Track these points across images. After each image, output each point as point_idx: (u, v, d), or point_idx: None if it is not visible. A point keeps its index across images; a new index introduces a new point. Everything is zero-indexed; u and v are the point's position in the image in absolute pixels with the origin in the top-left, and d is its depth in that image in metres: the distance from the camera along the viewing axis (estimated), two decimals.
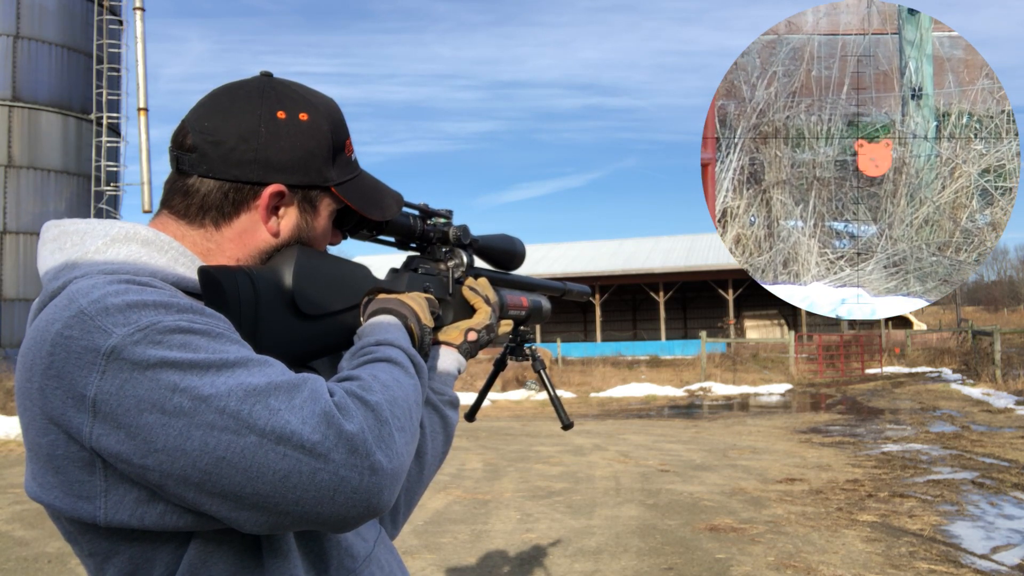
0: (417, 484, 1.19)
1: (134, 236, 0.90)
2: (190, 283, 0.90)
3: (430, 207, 1.22)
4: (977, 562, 4.64)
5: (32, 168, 20.48)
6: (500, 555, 5.00)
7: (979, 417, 11.62)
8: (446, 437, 1.20)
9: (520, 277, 1.42)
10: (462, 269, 1.24)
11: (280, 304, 0.90)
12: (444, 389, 1.20)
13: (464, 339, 1.21)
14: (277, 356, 0.84)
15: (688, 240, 37.71)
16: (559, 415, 1.38)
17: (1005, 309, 64.69)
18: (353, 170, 1.07)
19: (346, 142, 1.06)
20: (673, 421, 12.70)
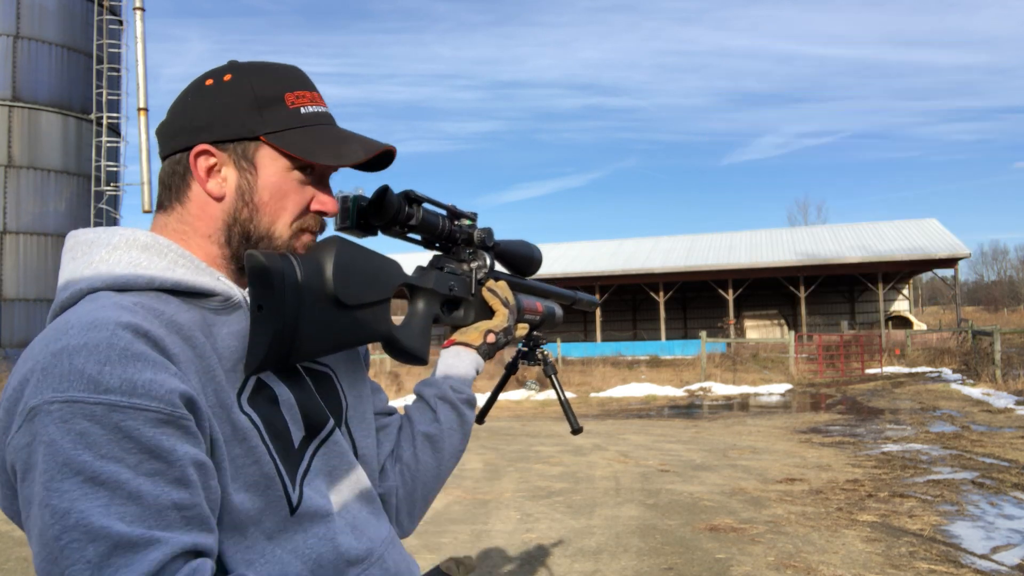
0: (434, 480, 1.21)
1: (133, 242, 0.95)
2: (188, 284, 0.94)
3: (457, 208, 1.23)
4: (977, 562, 4.64)
5: (32, 168, 20.48)
6: (500, 555, 5.00)
7: (979, 417, 11.62)
8: (463, 435, 1.23)
9: (535, 283, 1.44)
10: (484, 271, 1.27)
11: (321, 292, 0.92)
12: (462, 388, 1.23)
13: (483, 340, 1.25)
14: (316, 343, 0.90)
15: (688, 240, 37.71)
16: (569, 419, 1.39)
17: (1005, 309, 64.69)
18: (302, 121, 1.01)
19: (286, 95, 1.01)
20: (673, 421, 12.70)
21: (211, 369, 0.91)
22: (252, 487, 0.91)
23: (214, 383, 0.90)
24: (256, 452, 0.92)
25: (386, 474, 1.19)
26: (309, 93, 1.04)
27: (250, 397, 0.95)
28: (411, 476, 1.20)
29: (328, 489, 1.02)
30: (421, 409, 1.23)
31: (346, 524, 1.02)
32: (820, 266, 31.07)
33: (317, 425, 1.02)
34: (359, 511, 1.06)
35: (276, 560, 0.92)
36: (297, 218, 1.02)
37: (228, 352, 0.94)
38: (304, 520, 0.96)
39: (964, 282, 78.92)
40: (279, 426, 0.96)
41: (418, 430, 1.21)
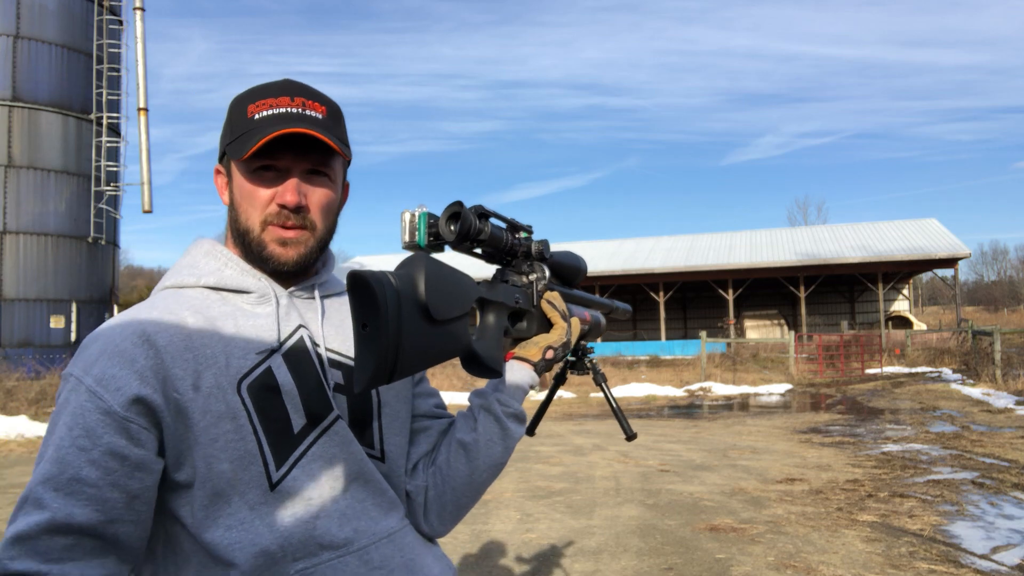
0: (466, 487, 1.24)
1: (199, 249, 1.21)
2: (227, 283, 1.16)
3: (517, 221, 1.25)
4: (977, 562, 4.64)
5: (32, 168, 20.48)
6: (500, 555, 5.00)
7: (979, 417, 11.62)
8: (504, 448, 1.25)
9: (580, 293, 1.45)
10: (543, 282, 1.28)
11: (416, 308, 0.94)
12: (510, 402, 1.25)
13: (542, 356, 1.26)
14: (415, 360, 0.94)
15: (688, 240, 37.71)
16: (623, 427, 1.39)
17: (1005, 309, 64.69)
18: (247, 126, 1.14)
19: (249, 106, 1.15)
20: (673, 421, 12.70)
21: (214, 356, 1.08)
22: (237, 460, 1.05)
23: (215, 368, 1.07)
24: (243, 431, 1.05)
25: (417, 473, 1.25)
26: (272, 100, 1.14)
27: (251, 383, 1.08)
28: (441, 479, 1.23)
29: (323, 474, 1.10)
30: (465, 417, 1.27)
31: (335, 510, 1.09)
32: (820, 266, 31.07)
33: (319, 414, 1.12)
34: (356, 500, 1.12)
35: (251, 528, 1.04)
36: (263, 212, 1.14)
37: (244, 342, 1.11)
38: (285, 498, 1.06)
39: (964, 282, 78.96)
40: (275, 412, 1.08)
41: (456, 436, 1.25)
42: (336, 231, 1.26)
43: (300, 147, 1.14)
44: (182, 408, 1.04)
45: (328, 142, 1.12)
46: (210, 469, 1.03)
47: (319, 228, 1.18)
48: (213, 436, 1.04)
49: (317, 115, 1.16)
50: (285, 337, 1.15)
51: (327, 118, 1.18)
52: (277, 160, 1.14)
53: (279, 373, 1.11)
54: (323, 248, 1.22)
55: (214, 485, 1.04)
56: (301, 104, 1.15)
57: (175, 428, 1.04)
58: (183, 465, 1.04)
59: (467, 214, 1.09)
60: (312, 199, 1.16)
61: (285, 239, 1.15)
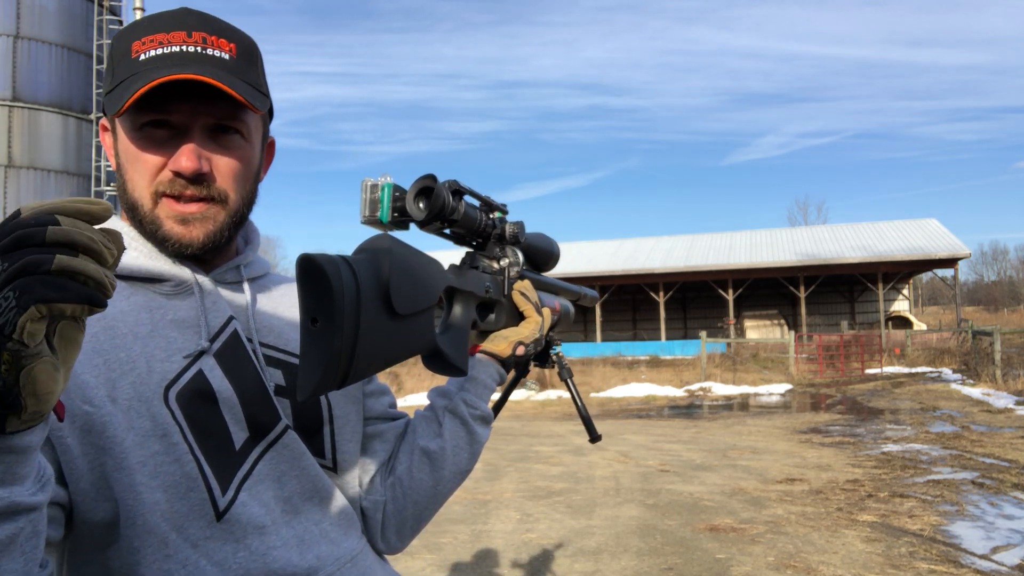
0: (429, 500, 1.09)
1: None
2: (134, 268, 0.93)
3: (492, 200, 1.09)
4: (977, 562, 4.64)
5: (32, 168, 20.50)
6: (500, 555, 5.00)
7: (979, 417, 11.62)
8: (471, 454, 1.10)
9: (549, 279, 1.32)
10: (517, 269, 1.13)
11: (377, 300, 0.79)
12: (477, 403, 1.10)
13: (512, 351, 1.11)
14: (374, 359, 0.78)
15: (688, 240, 37.71)
16: (587, 427, 1.27)
17: (1005, 309, 64.69)
18: (130, 70, 0.89)
19: (133, 44, 0.90)
20: (673, 421, 12.70)
21: (131, 360, 0.87)
22: (171, 488, 0.85)
23: (133, 374, 0.86)
24: (177, 450, 0.86)
25: (374, 486, 1.08)
26: (163, 35, 0.90)
27: (180, 391, 0.88)
28: (402, 492, 1.07)
29: (273, 496, 0.93)
30: (427, 420, 1.11)
31: (292, 536, 0.93)
32: (820, 266, 31.07)
33: (264, 425, 0.93)
34: (314, 523, 0.96)
35: (197, 571, 0.85)
36: (153, 182, 0.91)
37: (164, 342, 0.90)
38: (235, 528, 0.88)
39: (964, 282, 78.96)
40: (213, 425, 0.89)
41: (418, 444, 1.08)
42: (256, 201, 1.02)
43: (200, 98, 0.88)
44: (97, 426, 0.82)
45: (231, 92, 0.87)
46: (138, 501, 0.83)
47: (231, 199, 0.95)
48: (140, 459, 0.83)
49: (223, 55, 0.91)
50: (214, 333, 0.94)
51: (237, 59, 0.93)
52: (170, 115, 0.89)
53: (213, 377, 0.91)
54: (238, 224, 0.98)
55: (144, 522, 0.83)
56: (200, 40, 0.90)
57: (84, 453, 0.82)
58: (100, 499, 0.83)
59: (441, 190, 0.94)
60: (218, 164, 0.93)
61: (185, 215, 0.92)
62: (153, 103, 0.88)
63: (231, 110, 0.92)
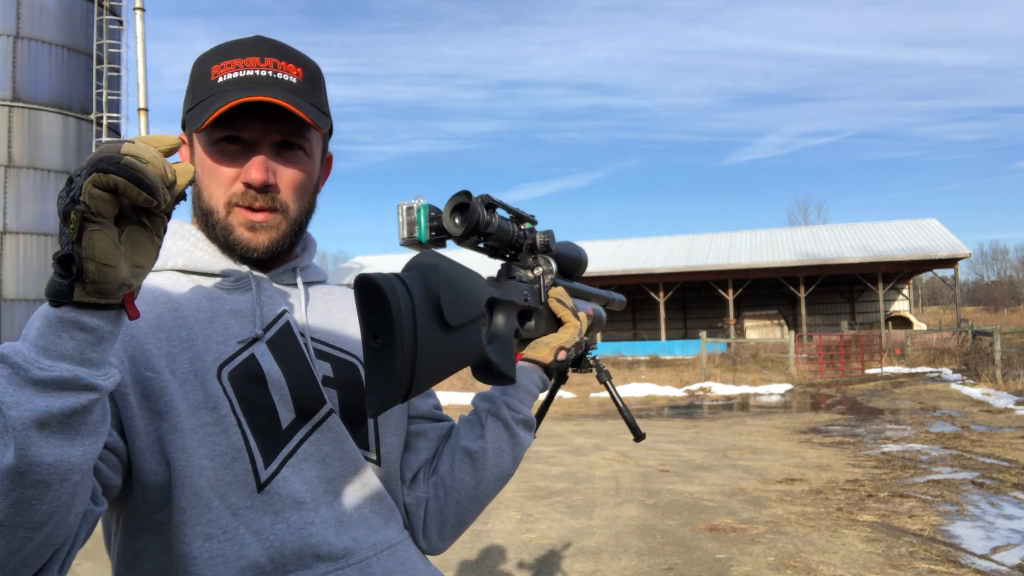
0: (471, 500, 1.12)
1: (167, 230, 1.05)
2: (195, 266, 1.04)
3: (522, 211, 1.13)
4: (977, 562, 4.64)
5: (32, 168, 20.49)
6: (500, 555, 5.00)
7: (979, 417, 11.62)
8: (513, 457, 1.14)
9: (579, 286, 1.35)
10: (551, 276, 1.16)
11: (430, 313, 0.83)
12: (520, 407, 1.14)
13: (554, 357, 1.15)
14: (434, 371, 0.82)
15: (688, 240, 37.70)
16: (630, 427, 1.28)
17: (1005, 309, 64.66)
18: (208, 91, 0.99)
19: (212, 68, 1.00)
20: (673, 421, 12.70)
21: (191, 339, 0.96)
22: (218, 456, 0.91)
23: (191, 351, 0.95)
24: (225, 422, 0.93)
25: (417, 483, 1.13)
26: (239, 60, 0.99)
27: (232, 371, 0.96)
28: (444, 491, 1.12)
29: (316, 476, 0.97)
30: (470, 423, 1.16)
31: (331, 517, 0.97)
32: (820, 266, 31.06)
33: (309, 408, 0.99)
34: (353, 507, 1.00)
35: (235, 539, 0.90)
36: (227, 192, 1.01)
37: (222, 327, 0.99)
38: (275, 501, 0.93)
39: (964, 282, 78.95)
40: (261, 403, 0.96)
41: (460, 444, 1.13)
42: (315, 210, 1.11)
43: (269, 117, 0.98)
44: (155, 391, 0.90)
45: (298, 112, 0.96)
46: (188, 464, 0.89)
47: (292, 210, 1.04)
48: (191, 426, 0.90)
49: (291, 79, 1.01)
50: (268, 323, 1.03)
51: (303, 83, 1.02)
52: (242, 131, 0.98)
53: (264, 361, 0.98)
54: (299, 232, 1.08)
55: (192, 484, 0.89)
56: (272, 65, 1.00)
57: (143, 414, 0.90)
58: (152, 460, 0.90)
59: (476, 205, 0.98)
60: (283, 177, 1.02)
61: (254, 223, 1.01)
62: (228, 121, 0.97)
63: (297, 128, 1.01)
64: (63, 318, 0.68)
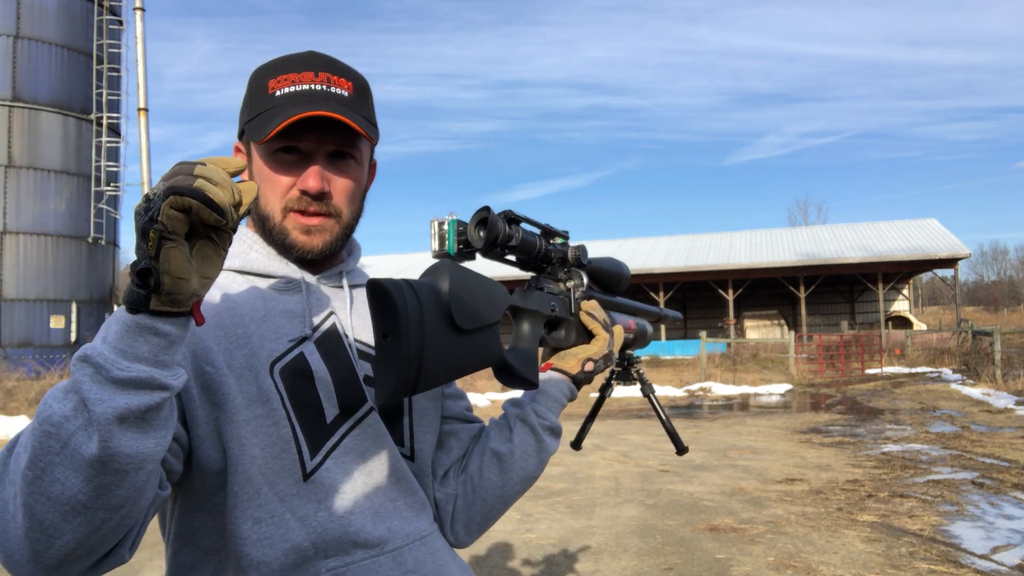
0: (497, 499, 1.19)
1: None
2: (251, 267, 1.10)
3: (552, 227, 1.19)
4: (977, 562, 4.64)
5: (32, 168, 20.49)
6: (500, 555, 5.01)
7: (979, 417, 11.62)
8: (539, 461, 1.21)
9: (623, 300, 1.40)
10: (582, 289, 1.22)
11: (440, 317, 0.91)
12: (547, 414, 1.21)
13: (581, 368, 1.21)
14: (439, 371, 0.89)
15: (688, 240, 37.71)
16: (674, 441, 1.34)
17: (1005, 309, 64.67)
18: (268, 104, 1.06)
19: (270, 81, 1.07)
20: (673, 421, 12.69)
21: (247, 336, 1.03)
22: (268, 447, 0.99)
23: (247, 348, 1.02)
24: (276, 415, 1.00)
25: (448, 480, 1.20)
26: (295, 75, 1.06)
27: (283, 368, 1.03)
28: (472, 489, 1.19)
29: (357, 468, 1.04)
30: (500, 426, 1.22)
31: (368, 507, 1.03)
32: (820, 266, 31.07)
33: (352, 405, 1.07)
34: (389, 499, 1.06)
35: (282, 523, 0.98)
36: (284, 199, 1.08)
37: (274, 326, 1.06)
38: (318, 490, 1.00)
39: (964, 282, 78.98)
40: (308, 398, 1.03)
41: (489, 446, 1.20)
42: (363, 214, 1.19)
43: (324, 128, 1.05)
44: (214, 384, 0.97)
45: (353, 125, 1.04)
46: (242, 452, 0.97)
47: (344, 214, 1.12)
48: (245, 418, 0.98)
49: (343, 92, 1.08)
50: (316, 324, 1.10)
51: (353, 95, 1.10)
52: (299, 142, 1.06)
53: (312, 359, 1.06)
54: (349, 235, 1.16)
55: (244, 471, 0.97)
56: (326, 80, 1.07)
57: (203, 405, 0.97)
58: (211, 448, 0.97)
59: (495, 219, 1.05)
60: (336, 185, 1.10)
61: (309, 227, 1.09)
62: (286, 133, 1.04)
63: (349, 139, 1.08)
64: (140, 324, 0.75)
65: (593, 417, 1.42)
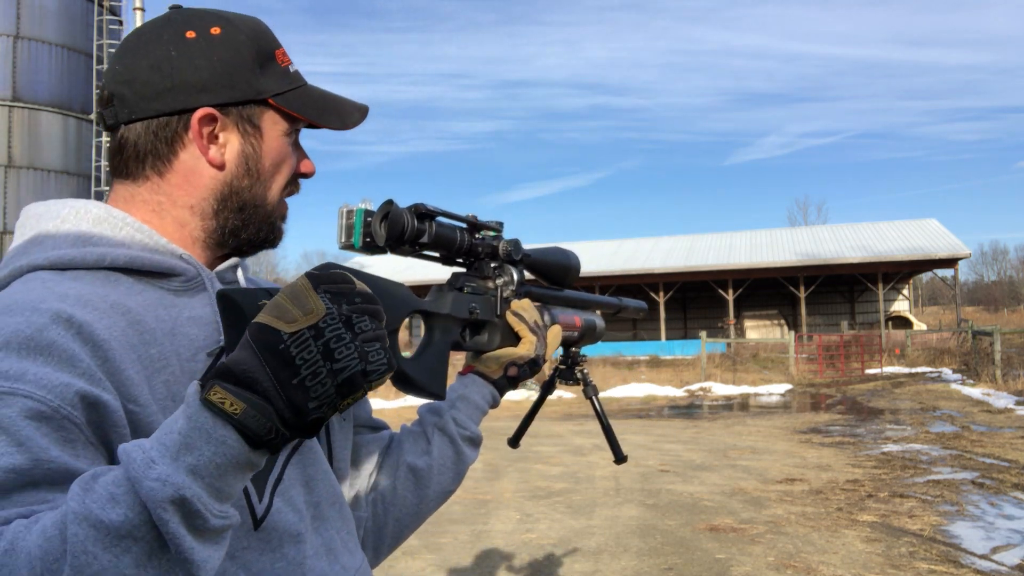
0: (411, 518, 1.09)
1: (84, 215, 0.87)
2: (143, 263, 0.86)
3: (479, 219, 1.09)
4: (977, 562, 4.64)
5: (32, 168, 20.51)
6: (500, 555, 5.00)
7: (979, 417, 11.62)
8: (456, 474, 1.10)
9: (573, 294, 1.30)
10: (511, 288, 1.12)
11: None
12: (467, 423, 1.10)
13: (503, 373, 1.11)
14: None
15: (688, 240, 37.71)
16: (612, 448, 1.26)
17: (1005, 309, 64.66)
18: (295, 81, 0.96)
19: (276, 52, 0.96)
20: (673, 421, 12.70)
21: (163, 357, 0.81)
22: None
23: (165, 373, 0.81)
24: None
25: (359, 501, 1.06)
26: (281, 49, 0.98)
27: None
28: (383, 509, 1.07)
29: (304, 502, 0.89)
30: (415, 437, 1.10)
31: (321, 545, 0.90)
32: (820, 266, 31.06)
33: None
34: (335, 531, 0.94)
35: None
36: (287, 184, 0.98)
37: (187, 340, 0.85)
38: (272, 538, 0.84)
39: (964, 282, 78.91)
40: None
41: (404, 460, 1.08)
42: None
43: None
44: (144, 427, 0.75)
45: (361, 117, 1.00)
46: None
47: None
48: None
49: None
50: None
51: None
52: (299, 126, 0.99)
53: None
54: None
55: None
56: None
57: None
58: None
59: (398, 213, 0.94)
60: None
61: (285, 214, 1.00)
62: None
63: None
64: (252, 462, 0.63)
65: (532, 416, 1.31)
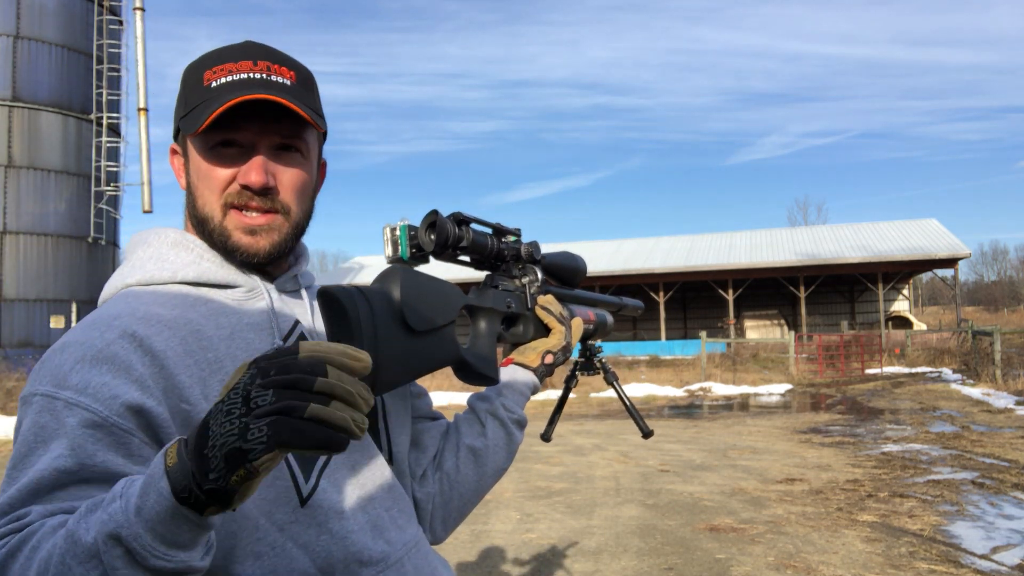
0: (473, 494, 1.22)
1: (164, 240, 1.04)
2: (210, 278, 1.00)
3: (503, 226, 1.22)
4: (977, 562, 4.64)
5: (32, 168, 20.50)
6: (500, 555, 5.00)
7: (979, 417, 11.62)
8: (508, 453, 1.24)
9: (582, 293, 1.44)
10: (537, 285, 1.26)
11: (392, 321, 0.92)
12: (515, 408, 1.23)
13: (541, 361, 1.25)
14: (395, 373, 0.91)
15: (688, 240, 37.71)
16: (638, 425, 1.37)
17: (1005, 309, 64.66)
18: (202, 96, 0.98)
19: (205, 73, 0.99)
20: (673, 421, 12.70)
21: (219, 360, 0.94)
22: None
23: (221, 373, 0.93)
24: None
25: (426, 479, 1.19)
26: (232, 64, 0.99)
27: None
28: (449, 486, 1.20)
29: (349, 483, 1.00)
30: (470, 421, 1.23)
31: (367, 522, 1.00)
32: (820, 266, 31.07)
33: None
34: (382, 510, 1.04)
35: (285, 554, 0.92)
36: (223, 194, 1.00)
37: (244, 343, 0.98)
38: (317, 513, 0.95)
39: (964, 282, 78.93)
40: None
41: (464, 442, 1.21)
42: (312, 217, 1.10)
43: (267, 117, 0.97)
44: (192, 421, 0.89)
45: (297, 110, 0.96)
46: None
47: (293, 212, 1.03)
48: None
49: (284, 81, 1.00)
50: (285, 334, 1.03)
51: (296, 85, 1.02)
52: (239, 134, 0.98)
53: None
54: (299, 236, 1.07)
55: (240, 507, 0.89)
56: (265, 68, 0.99)
57: None
58: None
59: (443, 222, 1.06)
60: (282, 178, 1.01)
61: (253, 227, 1.00)
62: (224, 124, 0.96)
63: (294, 129, 1.01)
64: (189, 517, 0.67)
65: (560, 409, 1.44)
